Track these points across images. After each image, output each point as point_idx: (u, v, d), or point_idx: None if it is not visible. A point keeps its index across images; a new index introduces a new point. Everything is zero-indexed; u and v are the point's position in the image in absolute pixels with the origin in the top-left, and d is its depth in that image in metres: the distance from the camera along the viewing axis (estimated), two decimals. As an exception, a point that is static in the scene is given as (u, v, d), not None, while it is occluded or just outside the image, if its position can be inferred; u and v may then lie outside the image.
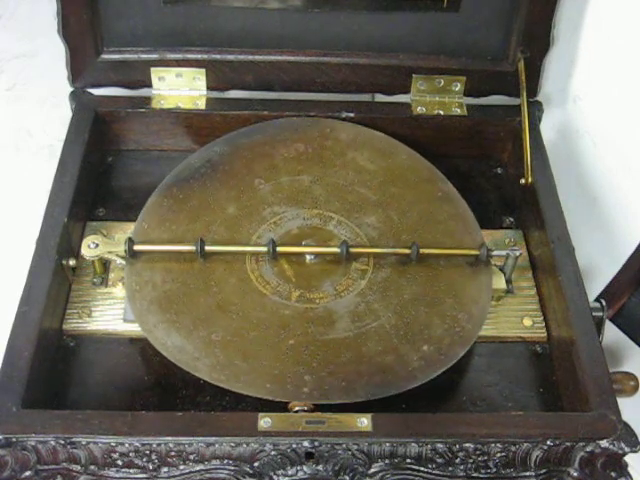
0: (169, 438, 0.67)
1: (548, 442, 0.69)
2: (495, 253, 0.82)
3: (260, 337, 0.76)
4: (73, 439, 0.67)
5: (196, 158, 0.91)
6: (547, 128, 1.01)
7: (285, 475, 0.70)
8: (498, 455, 0.70)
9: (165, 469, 0.70)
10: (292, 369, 0.74)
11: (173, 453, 0.69)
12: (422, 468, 0.71)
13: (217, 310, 0.78)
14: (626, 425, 0.70)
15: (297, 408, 0.70)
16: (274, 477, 0.70)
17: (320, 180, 0.90)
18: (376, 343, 0.76)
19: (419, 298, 0.79)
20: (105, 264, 0.83)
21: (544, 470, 0.72)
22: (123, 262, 0.81)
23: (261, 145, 0.92)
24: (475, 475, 0.72)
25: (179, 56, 0.93)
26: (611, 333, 0.95)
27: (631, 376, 0.81)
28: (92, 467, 0.70)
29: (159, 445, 0.68)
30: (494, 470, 0.72)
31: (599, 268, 0.97)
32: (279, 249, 0.81)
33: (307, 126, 0.94)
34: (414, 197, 0.88)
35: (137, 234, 0.83)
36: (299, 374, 0.73)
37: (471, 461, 0.71)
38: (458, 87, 0.96)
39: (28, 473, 0.69)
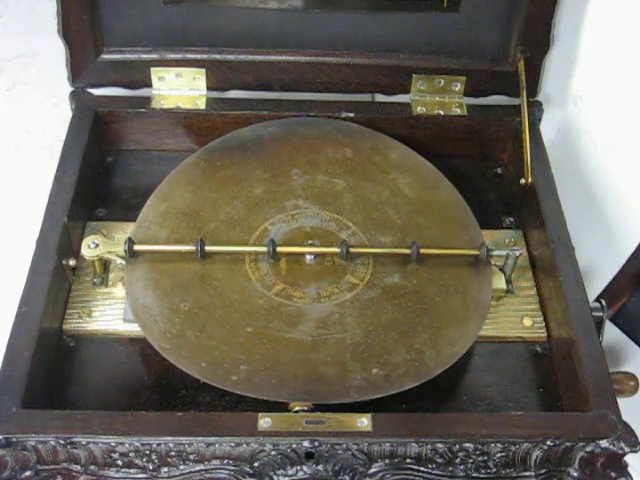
0: (169, 438, 0.67)
1: (548, 442, 0.69)
2: (495, 253, 0.82)
3: (223, 317, 0.77)
4: (73, 439, 0.67)
5: (248, 131, 0.92)
6: (547, 128, 1.01)
7: (285, 475, 0.70)
8: (498, 455, 0.70)
9: (165, 469, 0.70)
10: (233, 355, 0.74)
11: (173, 453, 0.69)
12: (422, 468, 0.71)
13: (198, 280, 0.79)
14: (626, 425, 0.70)
15: (297, 408, 0.70)
16: (274, 477, 0.70)
17: (353, 189, 0.89)
18: (328, 353, 0.75)
19: (395, 325, 0.77)
20: (105, 264, 0.83)
21: (544, 470, 0.72)
22: (123, 262, 0.81)
23: (313, 139, 0.93)
24: (475, 475, 0.72)
25: (179, 56, 0.93)
26: (611, 333, 0.95)
27: (631, 376, 0.81)
28: (92, 467, 0.70)
29: (159, 445, 0.68)
30: (494, 470, 0.72)
31: (599, 268, 0.97)
32: (279, 249, 0.81)
33: (363, 136, 0.93)
34: (438, 234, 0.85)
35: (162, 189, 0.86)
36: (237, 362, 0.73)
37: (471, 461, 0.71)
38: (458, 87, 0.96)
39: (28, 473, 0.69)
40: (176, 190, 0.87)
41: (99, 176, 0.94)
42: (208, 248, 0.80)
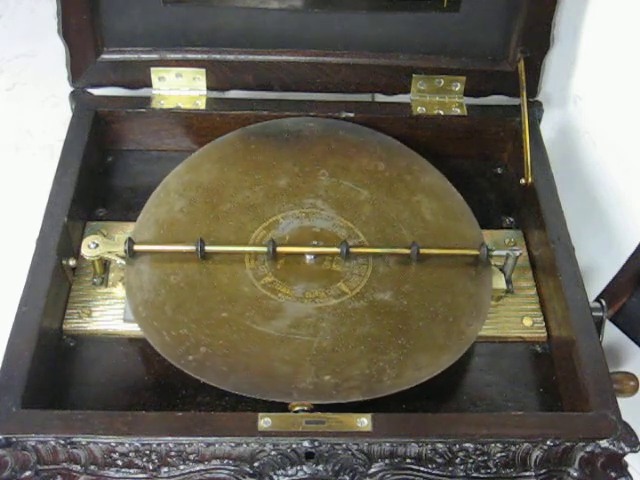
0: (169, 438, 0.67)
1: (548, 442, 0.69)
2: (495, 253, 0.82)
3: (204, 298, 0.77)
4: (73, 439, 0.67)
5: (289, 123, 0.93)
6: (547, 128, 1.01)
7: (285, 475, 0.70)
8: (498, 455, 0.70)
9: (165, 469, 0.70)
10: (197, 337, 0.74)
11: (173, 453, 0.69)
12: (422, 468, 0.71)
13: (194, 258, 0.80)
14: (626, 425, 0.70)
15: (297, 408, 0.70)
16: (274, 477, 0.70)
17: (375, 203, 0.88)
18: (288, 352, 0.74)
19: (367, 339, 0.76)
20: (105, 264, 0.83)
21: (544, 470, 0.72)
22: (123, 262, 0.81)
23: (350, 145, 0.93)
24: (475, 475, 0.72)
25: (179, 56, 0.93)
26: (611, 333, 0.95)
27: (631, 376, 0.81)
28: (92, 467, 0.70)
29: (159, 445, 0.68)
30: (494, 470, 0.72)
31: (599, 268, 0.97)
32: (279, 249, 0.81)
33: (401, 153, 0.93)
34: (447, 261, 0.83)
35: (193, 160, 0.89)
36: (198, 343, 0.74)
37: (471, 461, 0.71)
38: (458, 87, 0.96)
39: (28, 473, 0.69)
40: (205, 164, 0.89)
41: (99, 176, 0.94)
42: (208, 248, 0.80)
